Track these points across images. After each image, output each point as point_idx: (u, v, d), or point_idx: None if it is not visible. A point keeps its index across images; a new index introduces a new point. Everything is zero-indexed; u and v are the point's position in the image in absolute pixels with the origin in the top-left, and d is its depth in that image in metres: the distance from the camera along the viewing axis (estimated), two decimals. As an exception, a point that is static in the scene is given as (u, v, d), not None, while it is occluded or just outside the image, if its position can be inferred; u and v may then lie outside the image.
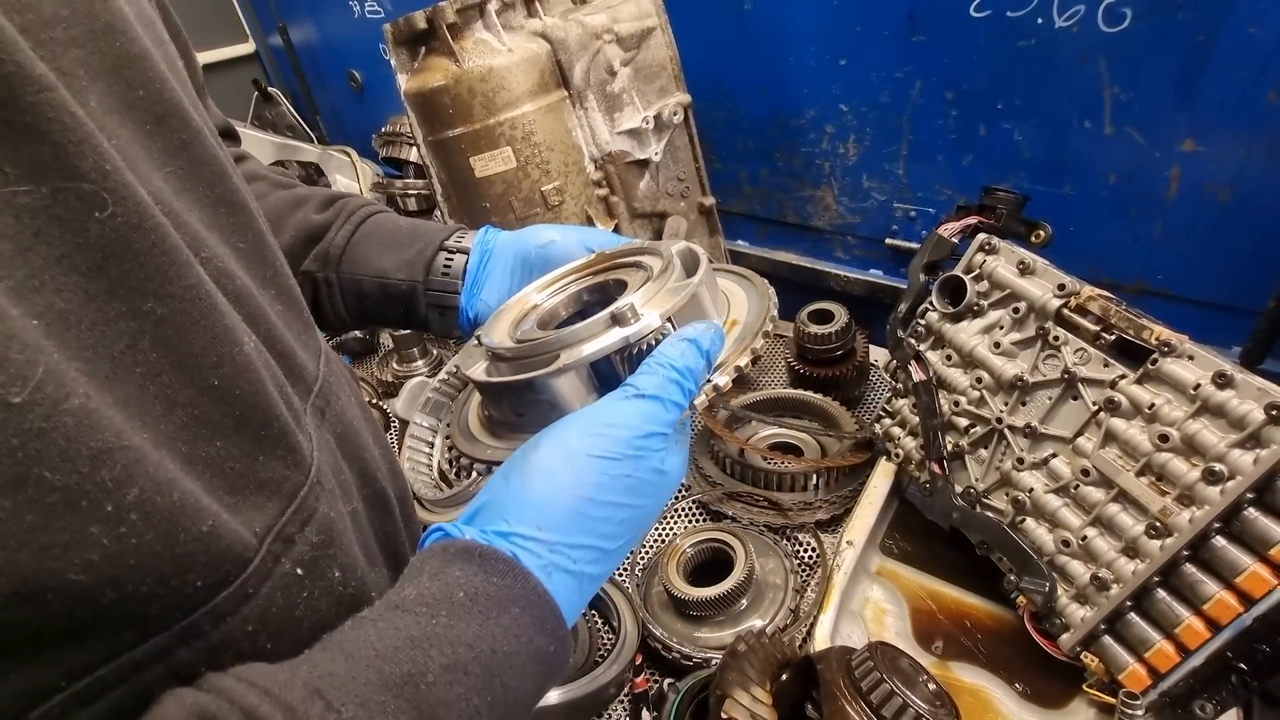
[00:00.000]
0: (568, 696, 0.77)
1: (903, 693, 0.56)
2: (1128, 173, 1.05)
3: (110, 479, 0.27)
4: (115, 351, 0.30)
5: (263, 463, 0.37)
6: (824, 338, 1.17)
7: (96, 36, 0.33)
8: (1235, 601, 0.63)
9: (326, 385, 0.48)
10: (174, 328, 0.32)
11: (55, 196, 0.28)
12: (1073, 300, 0.79)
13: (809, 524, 1.00)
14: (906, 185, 1.29)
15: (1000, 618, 0.87)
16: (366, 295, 0.69)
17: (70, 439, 0.26)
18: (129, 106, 0.34)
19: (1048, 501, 0.79)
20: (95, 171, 0.29)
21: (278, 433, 0.38)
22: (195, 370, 0.33)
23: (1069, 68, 1.02)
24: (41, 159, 0.28)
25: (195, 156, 0.38)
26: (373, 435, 0.54)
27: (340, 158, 2.15)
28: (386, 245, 0.69)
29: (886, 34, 1.16)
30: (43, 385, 0.26)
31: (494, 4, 1.08)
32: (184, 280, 0.33)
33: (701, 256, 0.56)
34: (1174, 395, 0.69)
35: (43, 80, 0.28)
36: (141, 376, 0.31)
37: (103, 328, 0.30)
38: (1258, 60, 0.88)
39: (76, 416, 0.27)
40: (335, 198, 0.73)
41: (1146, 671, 0.69)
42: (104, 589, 0.28)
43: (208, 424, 0.34)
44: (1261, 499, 0.62)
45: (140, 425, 0.30)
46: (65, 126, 0.28)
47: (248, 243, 0.42)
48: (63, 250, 0.29)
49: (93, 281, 0.29)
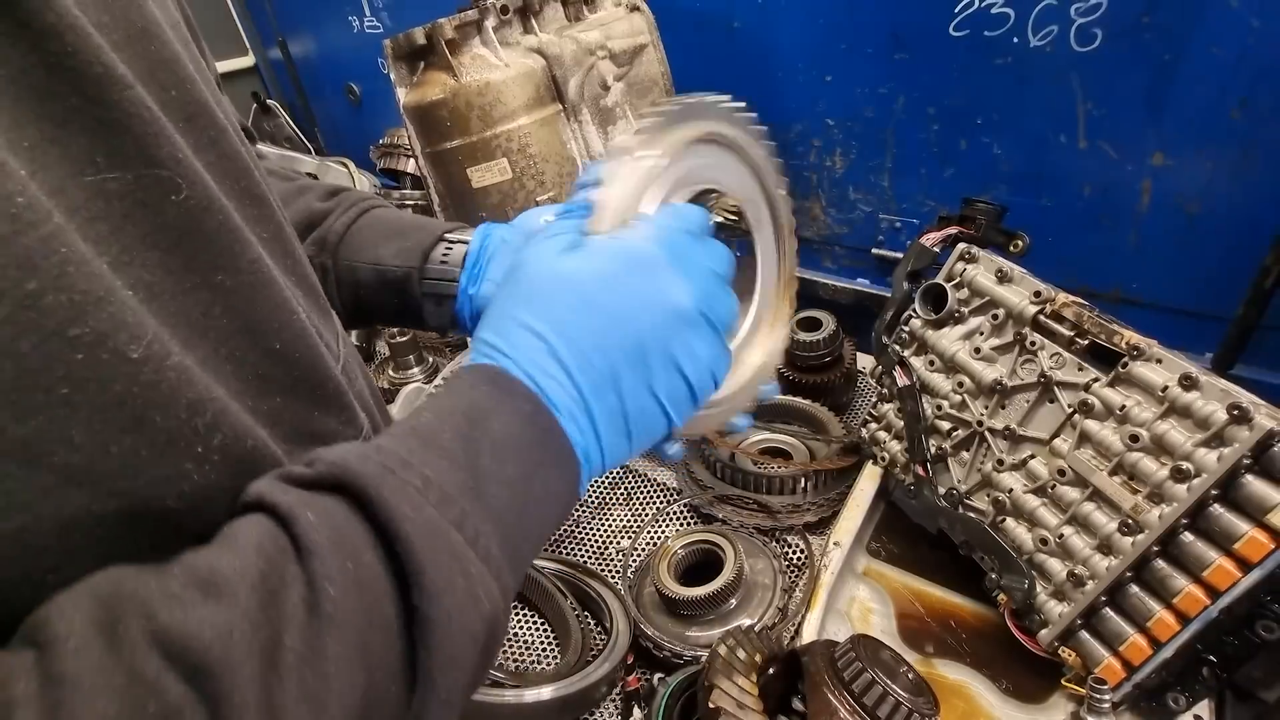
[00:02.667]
0: (560, 693, 0.78)
1: (883, 682, 0.58)
2: (1102, 185, 1.09)
3: (202, 425, 0.32)
4: (193, 318, 0.34)
5: (318, 418, 0.42)
6: (813, 345, 1.20)
7: (134, 40, 0.36)
8: (1203, 594, 0.66)
9: (348, 364, 0.51)
10: (241, 298, 0.37)
11: (139, 182, 0.32)
12: (1048, 307, 0.82)
13: (797, 526, 1.02)
14: (891, 197, 1.33)
15: (983, 616, 0.90)
16: (362, 284, 0.69)
17: (173, 390, 0.31)
18: (164, 105, 0.37)
19: (1026, 501, 0.82)
20: (170, 160, 0.33)
21: (332, 392, 0.43)
22: (260, 335, 0.38)
23: (1044, 85, 1.06)
24: (126, 149, 0.32)
25: (223, 152, 0.41)
26: (384, 417, 0.57)
27: (338, 169, 2.18)
28: (386, 234, 0.70)
29: (870, 51, 1.20)
30: (152, 344, 0.30)
31: (491, 21, 1.12)
32: (247, 255, 0.37)
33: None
34: (1144, 397, 0.72)
35: (124, 80, 0.31)
36: (215, 340, 0.35)
37: (181, 298, 0.34)
38: (1220, 79, 0.93)
39: (177, 371, 0.31)
40: (338, 189, 0.74)
41: (1121, 665, 0.71)
42: (195, 517, 0.32)
43: (270, 381, 0.38)
44: (1226, 495, 0.65)
45: (216, 381, 0.34)
46: (144, 120, 0.32)
47: (270, 233, 0.45)
48: (146, 229, 0.32)
49: (172, 257, 0.33)
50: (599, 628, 0.93)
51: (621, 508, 1.13)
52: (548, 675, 0.83)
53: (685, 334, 0.44)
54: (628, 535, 1.08)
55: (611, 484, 1.17)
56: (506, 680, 0.81)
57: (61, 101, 0.29)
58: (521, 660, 0.90)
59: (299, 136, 2.54)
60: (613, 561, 1.04)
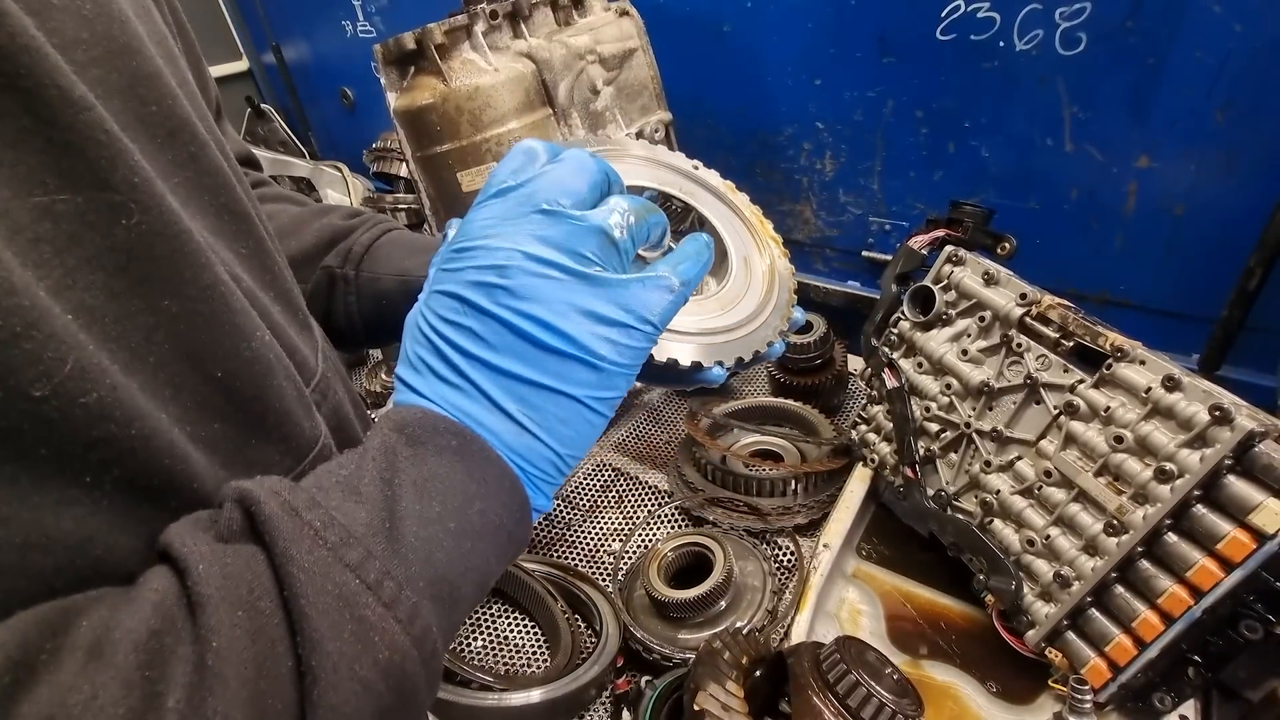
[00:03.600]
0: (549, 696, 0.78)
1: (868, 684, 0.59)
2: (1088, 188, 1.10)
3: (98, 461, 0.31)
4: (133, 343, 0.34)
5: (254, 446, 0.41)
6: (803, 347, 1.21)
7: (114, 56, 0.36)
8: (1186, 595, 0.66)
9: (325, 380, 0.51)
10: (186, 324, 0.36)
11: (88, 204, 0.32)
12: (1034, 309, 0.82)
13: (788, 528, 1.02)
14: (881, 200, 1.34)
15: (972, 617, 0.90)
16: (384, 294, 0.68)
17: (75, 429, 0.30)
18: (143, 122, 0.37)
19: (1014, 502, 0.82)
20: (124, 184, 0.33)
21: (273, 422, 0.42)
22: (201, 361, 0.37)
23: (1030, 88, 1.07)
24: (78, 171, 0.31)
25: (202, 168, 0.41)
26: (364, 425, 0.57)
27: (332, 173, 2.18)
28: (411, 250, 0.69)
29: (859, 56, 1.21)
30: (66, 382, 0.29)
31: (481, 26, 1.12)
32: (200, 282, 0.37)
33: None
34: (1128, 398, 0.73)
35: (83, 101, 0.31)
36: (154, 365, 0.35)
37: (124, 322, 0.33)
38: (1204, 82, 0.93)
39: (89, 410, 0.30)
40: (360, 212, 0.75)
41: (1107, 665, 0.72)
42: (94, 541, 0.32)
43: (209, 409, 0.38)
44: (1208, 495, 0.65)
45: (155, 407, 0.34)
46: (100, 143, 0.32)
47: (249, 249, 0.45)
48: (92, 252, 0.32)
49: (117, 280, 0.33)
50: (589, 630, 0.93)
51: (612, 510, 1.13)
52: (537, 678, 0.83)
53: (507, 296, 0.38)
54: (618, 538, 1.08)
55: (603, 487, 1.17)
56: (495, 683, 0.81)
57: (13, 122, 0.29)
58: (511, 663, 0.90)
59: (293, 141, 2.54)
60: (603, 564, 1.04)
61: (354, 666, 0.31)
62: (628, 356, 0.40)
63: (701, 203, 0.63)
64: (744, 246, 0.63)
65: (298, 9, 2.27)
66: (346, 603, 0.32)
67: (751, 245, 0.63)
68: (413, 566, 0.34)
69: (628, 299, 0.39)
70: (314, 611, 0.30)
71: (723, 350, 0.52)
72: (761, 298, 0.58)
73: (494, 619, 0.96)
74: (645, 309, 0.40)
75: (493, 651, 0.92)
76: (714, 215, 0.63)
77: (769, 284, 0.60)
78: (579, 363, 0.39)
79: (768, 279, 0.60)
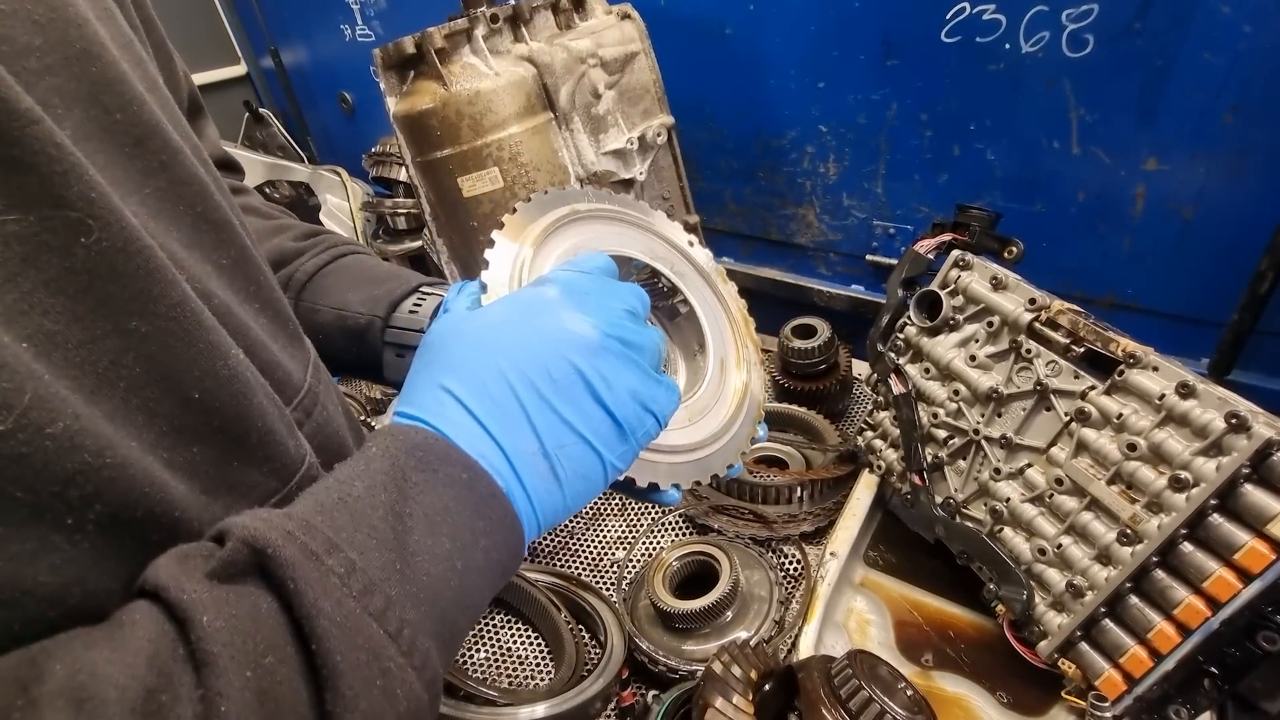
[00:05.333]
0: (554, 711, 0.77)
1: (881, 700, 0.57)
2: (1096, 191, 1.08)
3: (77, 497, 0.29)
4: (100, 368, 0.32)
5: (236, 468, 0.39)
6: (807, 352, 1.19)
7: (72, 63, 0.34)
8: (1203, 606, 0.65)
9: (311, 395, 0.49)
10: (157, 344, 0.34)
11: (43, 224, 0.30)
12: (1043, 314, 0.81)
13: (794, 536, 1.01)
14: (885, 203, 1.33)
15: (982, 627, 0.89)
16: (320, 328, 0.65)
17: (48, 462, 0.28)
18: (107, 130, 0.35)
19: (1024, 511, 0.81)
20: (81, 200, 0.31)
21: (255, 442, 0.40)
22: (177, 383, 0.35)
23: (1037, 91, 1.06)
24: (29, 189, 0.29)
25: (175, 176, 0.39)
26: (357, 438, 0.55)
27: (331, 177, 2.17)
28: (358, 281, 0.67)
29: (862, 58, 1.20)
30: (29, 412, 0.27)
31: (481, 29, 1.11)
32: (168, 299, 0.35)
33: None
34: (1141, 405, 0.72)
35: (29, 114, 0.29)
36: (125, 390, 0.33)
37: (89, 346, 0.31)
38: (1213, 84, 0.92)
39: (58, 440, 0.28)
40: (317, 231, 0.72)
41: (1122, 677, 0.70)
42: (71, 589, 0.30)
43: (186, 432, 0.36)
44: (1224, 505, 0.64)
45: (126, 435, 0.32)
46: (51, 158, 0.30)
47: (230, 259, 0.43)
48: (50, 274, 0.30)
49: (79, 303, 0.31)
50: (593, 642, 0.92)
51: (616, 519, 1.12)
52: (541, 692, 0.82)
53: (593, 361, 0.43)
54: (622, 547, 1.07)
55: (606, 496, 1.16)
56: (499, 698, 0.79)
57: None
58: (515, 676, 0.89)
59: (291, 145, 2.54)
60: (607, 574, 1.03)
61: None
62: (641, 439, 0.46)
63: (690, 288, 0.63)
64: (723, 348, 0.62)
65: (296, 13, 2.26)
66: (375, 656, 0.31)
67: (731, 349, 0.63)
68: (422, 608, 0.34)
69: (657, 394, 0.46)
70: (347, 667, 0.30)
71: (679, 472, 0.52)
72: (728, 416, 0.58)
73: (497, 630, 0.95)
74: (660, 409, 0.46)
75: (496, 664, 0.91)
76: (700, 305, 0.63)
77: (739, 403, 0.59)
78: (617, 427, 0.43)
79: (738, 397, 0.60)
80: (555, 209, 0.56)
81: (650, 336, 0.47)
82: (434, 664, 0.34)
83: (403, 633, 0.32)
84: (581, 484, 0.42)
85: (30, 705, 0.24)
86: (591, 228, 0.58)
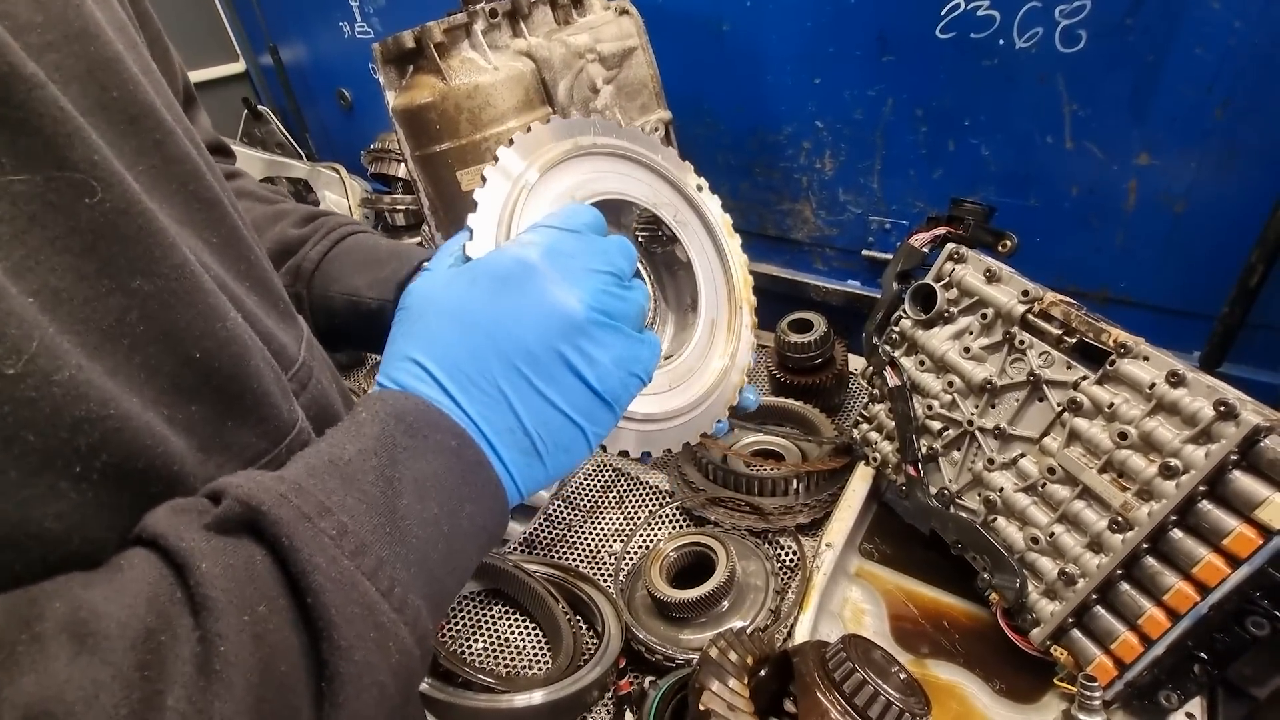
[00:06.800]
0: (551, 698, 0.78)
1: (874, 682, 0.58)
2: (1089, 185, 1.09)
3: (85, 444, 0.30)
4: (104, 325, 0.33)
5: (230, 428, 0.40)
6: (803, 346, 1.20)
7: (71, 40, 0.35)
8: (1192, 591, 0.66)
9: (306, 369, 0.50)
10: (159, 303, 0.35)
11: (48, 184, 0.31)
12: (1036, 306, 0.82)
13: (790, 527, 1.02)
14: (881, 198, 1.34)
15: (976, 616, 0.89)
16: (336, 313, 0.67)
17: (56, 408, 0.29)
18: (103, 107, 0.36)
19: (1017, 500, 0.82)
20: (84, 161, 0.32)
21: (250, 403, 0.41)
22: (179, 342, 0.36)
23: (1030, 86, 1.07)
24: (35, 150, 0.30)
25: (168, 155, 0.40)
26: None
27: (329, 174, 2.17)
28: (362, 263, 0.68)
29: (858, 54, 1.21)
30: (36, 358, 0.28)
31: (480, 24, 1.12)
32: (170, 260, 0.36)
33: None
34: (1131, 395, 0.73)
35: (34, 79, 0.30)
36: (128, 348, 0.34)
37: (94, 303, 0.32)
38: (1204, 79, 0.93)
39: (65, 388, 0.29)
40: (316, 214, 0.73)
41: (1112, 663, 0.71)
42: (72, 535, 0.31)
43: (186, 390, 0.37)
44: (1213, 491, 0.65)
45: (128, 390, 0.33)
46: (56, 120, 0.31)
47: (220, 237, 0.44)
48: (56, 233, 0.31)
49: (84, 261, 0.32)
50: (591, 631, 0.93)
51: (613, 511, 1.12)
52: (538, 680, 0.82)
53: (575, 339, 0.43)
54: (620, 538, 1.07)
55: (604, 488, 1.17)
56: (497, 685, 0.80)
57: None
58: (512, 665, 0.90)
59: (290, 142, 2.54)
60: (605, 565, 1.03)
61: (375, 672, 0.32)
62: (625, 404, 0.46)
63: (690, 239, 0.61)
64: (716, 308, 0.61)
65: (295, 10, 2.26)
66: (369, 610, 0.32)
67: (724, 313, 0.61)
68: (413, 569, 0.35)
69: (640, 354, 0.46)
70: (342, 620, 0.30)
71: (652, 439, 0.52)
72: (710, 385, 0.57)
73: (495, 620, 0.95)
74: (644, 368, 0.46)
75: (494, 653, 0.91)
76: (698, 259, 0.61)
77: (721, 376, 0.59)
78: (600, 400, 0.44)
79: (721, 364, 0.59)
80: (561, 141, 0.53)
81: (635, 299, 0.46)
82: (424, 621, 0.35)
83: (394, 590, 0.33)
84: (564, 455, 0.43)
85: (34, 640, 0.25)
86: (594, 164, 0.55)
